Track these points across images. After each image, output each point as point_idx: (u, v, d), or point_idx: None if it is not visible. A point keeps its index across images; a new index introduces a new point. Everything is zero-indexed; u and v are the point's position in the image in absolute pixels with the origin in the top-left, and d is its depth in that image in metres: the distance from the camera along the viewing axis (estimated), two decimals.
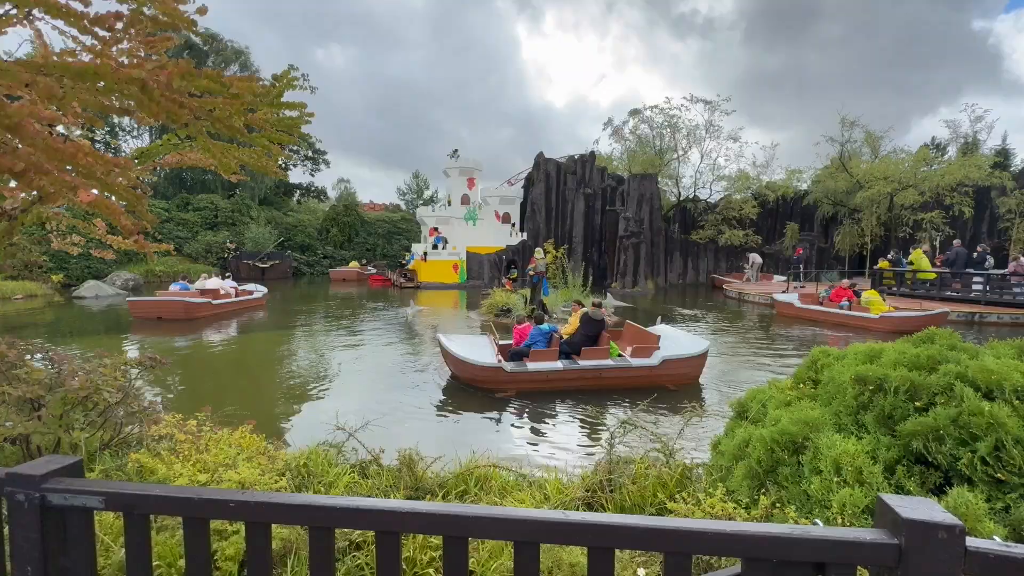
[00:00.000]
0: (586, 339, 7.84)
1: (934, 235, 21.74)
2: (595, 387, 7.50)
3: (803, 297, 15.40)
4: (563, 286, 16.97)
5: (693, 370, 7.84)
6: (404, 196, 59.16)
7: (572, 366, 7.43)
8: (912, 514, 1.11)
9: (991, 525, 1.75)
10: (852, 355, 2.78)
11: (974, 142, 30.86)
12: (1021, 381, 2.12)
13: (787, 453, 2.39)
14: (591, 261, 28.06)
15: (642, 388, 7.32)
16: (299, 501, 1.31)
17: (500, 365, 7.28)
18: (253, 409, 6.94)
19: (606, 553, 1.22)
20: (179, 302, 14.67)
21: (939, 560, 1.09)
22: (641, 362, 7.50)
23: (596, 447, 5.17)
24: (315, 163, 46.24)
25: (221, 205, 33.66)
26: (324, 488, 3.18)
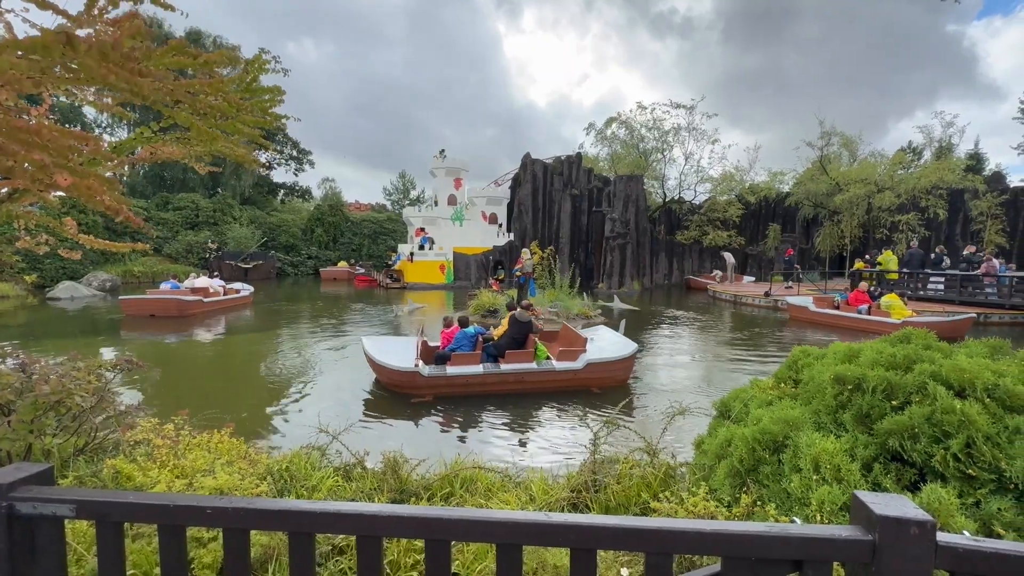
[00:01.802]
0: (512, 342, 7.74)
1: (910, 236, 22.30)
2: (517, 391, 7.35)
3: (818, 301, 14.81)
4: (550, 287, 16.99)
5: (619, 373, 7.75)
6: (390, 196, 58.77)
7: (493, 370, 7.28)
8: (885, 511, 1.14)
9: (962, 520, 1.80)
10: (831, 355, 2.84)
11: (948, 146, 31.79)
12: (991, 379, 2.19)
13: (768, 452, 2.43)
14: (578, 262, 28.18)
15: (567, 391, 7.32)
16: (278, 506, 1.29)
17: (416, 369, 7.07)
18: (236, 411, 6.81)
19: (588, 554, 1.23)
20: (173, 300, 15.01)
21: (911, 555, 1.11)
22: (565, 365, 7.41)
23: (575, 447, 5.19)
24: (299, 163, 45.65)
25: (202, 204, 33.03)
26: (307, 492, 3.13)
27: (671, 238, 30.54)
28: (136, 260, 27.69)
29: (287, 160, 44.72)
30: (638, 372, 9.07)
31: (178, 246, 30.50)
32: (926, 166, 25.98)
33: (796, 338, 12.46)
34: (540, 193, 29.98)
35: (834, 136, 28.19)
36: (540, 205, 29.96)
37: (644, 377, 8.75)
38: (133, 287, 24.25)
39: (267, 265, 31.22)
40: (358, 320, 15.99)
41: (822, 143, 28.13)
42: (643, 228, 27.97)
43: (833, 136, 28.14)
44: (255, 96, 4.58)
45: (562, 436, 5.89)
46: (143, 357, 10.38)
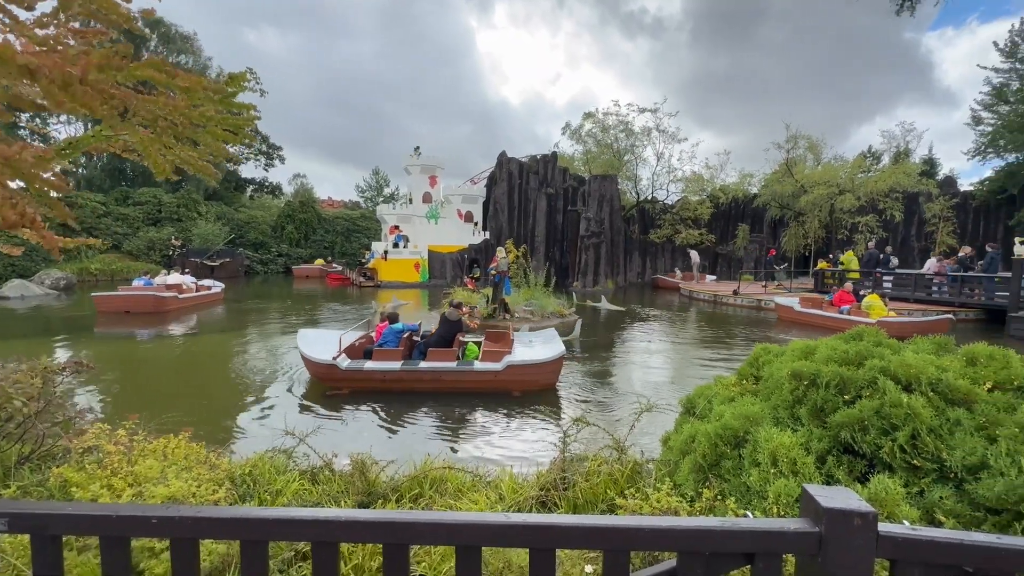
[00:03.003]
0: (440, 340, 7.75)
1: (869, 237, 23.30)
2: (436, 389, 7.33)
3: (803, 301, 15.19)
4: (525, 285, 17.03)
5: (543, 376, 7.56)
6: (364, 193, 57.79)
7: (411, 367, 7.28)
8: (831, 503, 1.18)
9: (907, 508, 1.89)
10: (790, 352, 2.93)
11: (905, 151, 33.36)
12: (936, 374, 2.30)
13: (729, 447, 2.49)
14: (553, 260, 28.36)
15: (489, 392, 7.29)
16: (229, 514, 1.24)
17: (335, 363, 7.18)
18: (201, 414, 6.59)
19: (547, 554, 1.23)
20: (149, 296, 15.15)
21: (855, 545, 1.16)
22: (485, 366, 7.33)
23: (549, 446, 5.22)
24: (269, 158, 44.38)
25: (165, 200, 31.77)
26: (270, 497, 3.05)
27: (644, 237, 31.05)
28: (93, 257, 26.43)
29: (256, 155, 43.41)
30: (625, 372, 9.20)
31: (139, 243, 29.26)
32: (884, 170, 27.17)
33: (785, 338, 12.65)
34: (516, 192, 30.01)
35: (800, 139, 29.21)
36: (516, 204, 30.00)
37: (630, 377, 8.86)
38: (90, 285, 23.18)
39: (235, 263, 30.27)
40: (329, 319, 15.71)
41: (789, 146, 29.09)
42: (617, 227, 28.33)
43: (799, 139, 29.16)
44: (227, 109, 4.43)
45: (536, 435, 5.92)
46: (112, 356, 10.09)
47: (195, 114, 3.65)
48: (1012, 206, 25.78)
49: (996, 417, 2.08)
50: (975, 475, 1.96)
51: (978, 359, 2.40)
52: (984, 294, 15.67)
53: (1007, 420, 2.04)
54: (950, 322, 12.54)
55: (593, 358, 10.09)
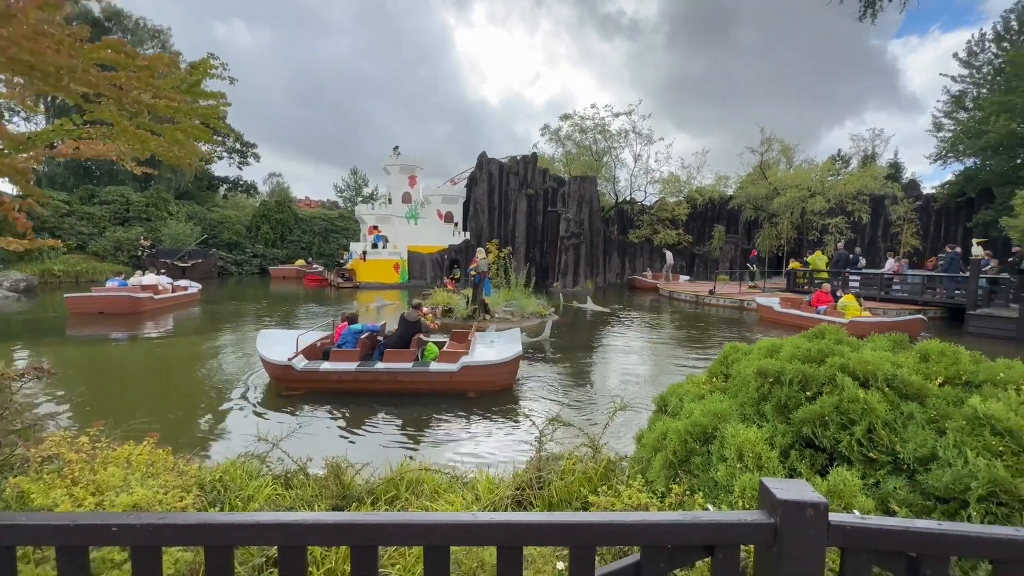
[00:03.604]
0: (399, 341, 7.76)
1: (838, 238, 24.08)
2: (392, 390, 7.34)
3: (783, 301, 15.55)
4: (505, 286, 17.06)
5: (499, 377, 7.52)
6: (342, 193, 57.00)
7: (366, 368, 7.28)
8: (786, 495, 1.23)
9: (863, 499, 1.97)
10: (757, 351, 3.02)
11: (872, 155, 34.59)
12: (891, 370, 2.41)
13: (699, 443, 2.56)
14: (533, 261, 28.46)
15: (446, 393, 7.31)
16: (192, 520, 1.23)
17: (291, 363, 7.20)
18: (169, 420, 6.41)
19: (514, 551, 1.25)
20: (124, 297, 14.95)
21: (807, 535, 1.21)
22: (440, 367, 7.33)
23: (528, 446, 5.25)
24: (243, 156, 43.37)
25: (133, 199, 30.74)
26: (242, 503, 3.00)
27: (623, 238, 31.42)
28: (56, 258, 25.41)
29: (230, 153, 42.37)
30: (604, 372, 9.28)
31: (105, 243, 28.24)
32: (852, 173, 28.13)
33: (765, 337, 12.94)
34: (496, 192, 30.02)
35: (774, 142, 30.00)
36: (496, 204, 30.01)
37: (610, 376, 8.96)
38: (53, 287, 22.30)
39: (207, 264, 29.48)
40: (305, 320, 15.45)
41: (763, 149, 29.85)
42: (596, 228, 28.60)
43: (773, 142, 29.95)
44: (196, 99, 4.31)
45: (516, 436, 5.94)
46: (81, 360, 9.74)
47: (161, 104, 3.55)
48: (971, 208, 26.96)
49: (946, 410, 2.19)
50: (926, 466, 2.06)
51: (930, 355, 2.52)
52: (945, 293, 16.39)
53: (955, 413, 2.15)
54: (922, 322, 12.77)
55: (573, 358, 10.17)
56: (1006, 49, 26.43)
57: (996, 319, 13.39)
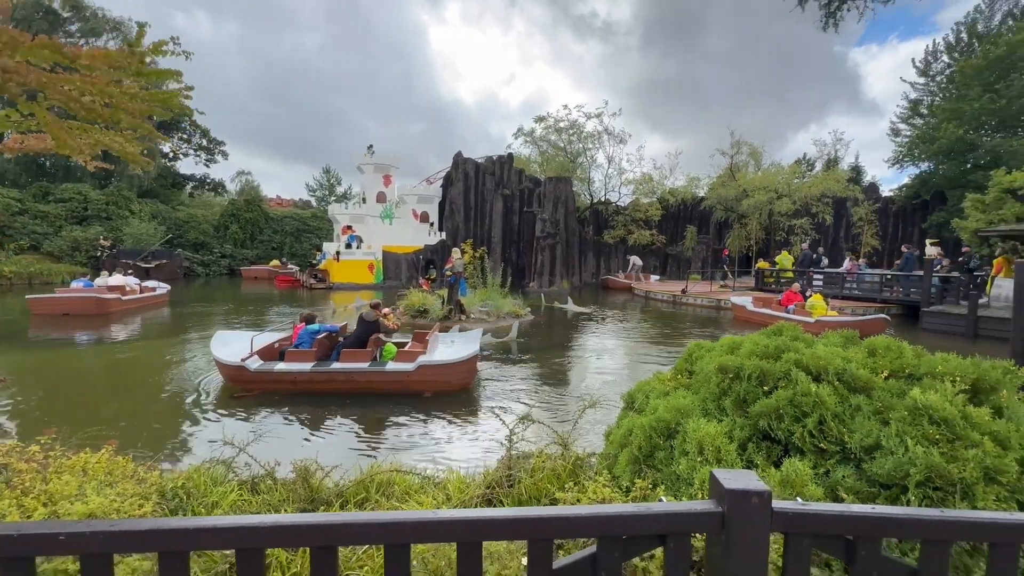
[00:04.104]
0: (356, 341, 7.74)
1: (803, 238, 24.96)
2: (348, 390, 7.29)
3: (756, 301, 15.89)
4: (481, 286, 17.05)
5: (455, 376, 7.47)
6: (314, 192, 55.89)
7: (322, 368, 7.24)
8: (733, 485, 1.29)
9: (813, 487, 2.07)
10: (719, 348, 3.13)
11: (835, 159, 35.96)
12: (841, 365, 2.53)
13: (662, 439, 2.64)
14: (509, 261, 28.52)
15: (402, 393, 7.29)
16: (145, 526, 1.20)
17: (244, 364, 7.14)
18: (131, 426, 6.18)
19: (474, 547, 1.27)
20: (91, 298, 14.61)
21: (752, 522, 1.28)
22: (396, 367, 7.29)
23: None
24: (210, 153, 42.01)
25: (92, 196, 29.43)
26: (205, 510, 2.93)
27: (598, 238, 31.80)
28: (8, 259, 24.11)
29: (196, 150, 40.99)
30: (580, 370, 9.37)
31: (61, 243, 26.95)
32: (816, 176, 29.20)
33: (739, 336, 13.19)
34: (472, 192, 29.96)
35: (743, 146, 30.92)
36: (472, 204, 29.95)
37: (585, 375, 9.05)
38: (4, 289, 21.17)
39: (172, 264, 28.47)
40: (276, 321, 15.10)
41: (732, 152, 30.72)
42: (572, 228, 28.87)
43: (742, 146, 30.86)
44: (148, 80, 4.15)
45: (488, 435, 5.96)
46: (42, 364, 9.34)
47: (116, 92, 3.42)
48: (926, 210, 28.33)
49: (890, 402, 2.32)
50: (871, 455, 2.18)
51: (877, 350, 2.66)
52: (902, 291, 17.21)
53: (898, 404, 2.27)
54: (885, 321, 13.12)
55: (549, 357, 10.26)
56: (956, 60, 27.90)
57: (948, 315, 14.13)
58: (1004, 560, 1.31)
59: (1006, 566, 1.31)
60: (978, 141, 24.46)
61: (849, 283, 18.10)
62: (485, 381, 8.35)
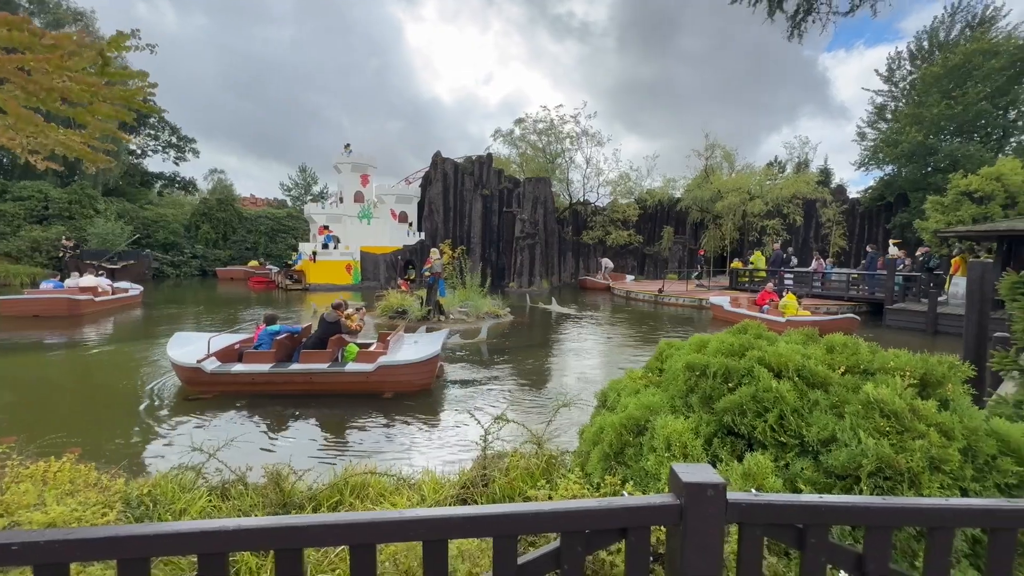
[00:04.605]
0: (317, 341, 7.73)
1: (775, 239, 25.67)
2: (308, 391, 7.27)
3: (733, 301, 16.10)
4: (461, 286, 17.01)
5: (415, 377, 7.44)
6: (290, 192, 54.80)
7: (279, 369, 7.21)
8: (690, 478, 1.35)
9: (773, 479, 2.16)
10: (687, 346, 3.21)
11: (805, 161, 37.05)
12: (801, 362, 2.63)
13: (632, 436, 2.70)
14: (489, 261, 28.53)
15: (362, 394, 7.27)
16: (103, 534, 1.19)
17: (200, 366, 7.09)
18: (96, 433, 5.97)
19: (439, 544, 1.30)
20: (63, 299, 14.48)
21: (708, 513, 1.33)
22: (356, 367, 7.27)
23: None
24: (180, 151, 40.80)
25: (53, 195, 28.25)
26: (172, 517, 2.88)
27: (577, 238, 32.06)
28: None
29: (164, 148, 39.75)
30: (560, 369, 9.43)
31: (20, 243, 25.80)
32: (787, 179, 30.04)
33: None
34: (451, 192, 29.85)
35: (717, 148, 31.60)
36: (451, 205, 29.84)
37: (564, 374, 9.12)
38: None
39: (140, 265, 27.53)
40: (251, 323, 14.77)
41: (707, 154, 31.36)
42: (551, 228, 29.05)
43: (716, 148, 31.54)
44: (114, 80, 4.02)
45: (464, 435, 5.97)
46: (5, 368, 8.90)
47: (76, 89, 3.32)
48: (890, 212, 29.43)
49: (845, 396, 2.42)
50: (827, 447, 2.28)
51: (835, 347, 2.78)
52: (867, 290, 17.87)
53: (853, 399, 2.38)
54: (853, 320, 13.32)
55: (529, 357, 10.31)
56: (918, 67, 29.09)
57: (910, 313, 14.74)
58: (940, 543, 1.39)
59: (942, 548, 1.39)
60: (937, 145, 25.56)
61: (816, 282, 18.76)
62: (464, 381, 8.36)
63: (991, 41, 24.84)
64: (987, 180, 17.33)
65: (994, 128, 26.24)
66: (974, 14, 27.63)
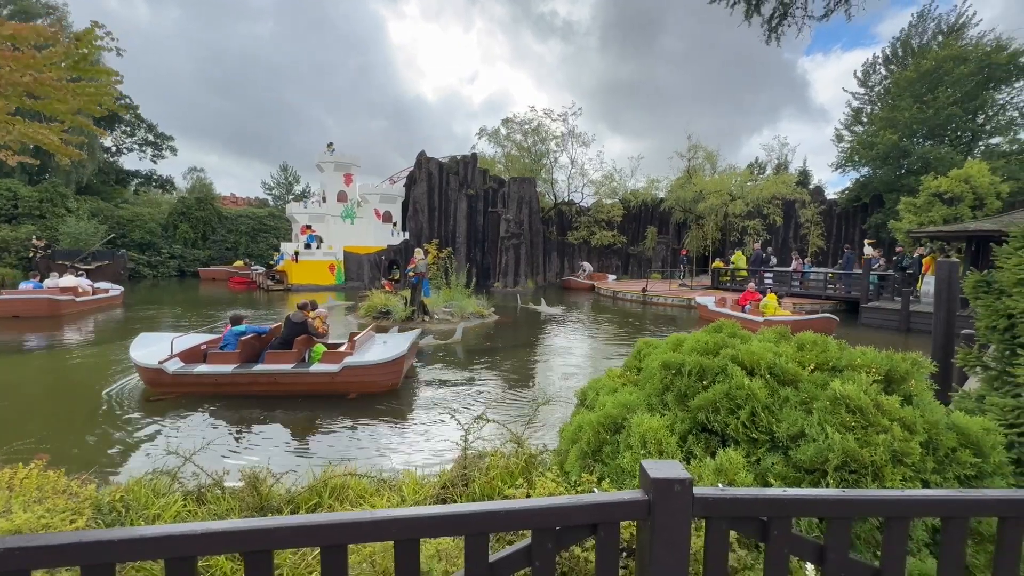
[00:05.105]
0: (282, 342, 7.72)
1: (756, 239, 26.13)
2: (272, 392, 7.24)
3: (718, 301, 16.20)
4: (445, 286, 16.95)
5: (381, 377, 7.38)
6: (271, 191, 53.94)
7: (243, 370, 7.16)
8: (658, 474, 1.38)
9: (744, 474, 2.21)
10: (664, 345, 3.27)
11: (785, 163, 37.78)
12: (772, 360, 2.70)
13: (609, 433, 2.74)
14: (475, 261, 28.48)
15: (327, 395, 7.26)
16: (65, 540, 1.17)
17: (161, 367, 7.03)
18: (69, 439, 5.81)
19: (411, 544, 1.30)
20: (44, 299, 14.50)
21: (675, 508, 1.36)
22: (321, 368, 7.23)
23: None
24: (157, 149, 39.85)
25: (23, 193, 27.36)
26: (145, 523, 2.82)
27: (562, 238, 32.20)
28: None
29: (141, 145, 38.78)
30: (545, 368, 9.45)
31: None
32: (767, 180, 30.60)
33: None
34: (436, 192, 29.73)
35: (699, 149, 32.05)
36: (436, 204, 29.71)
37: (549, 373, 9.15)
38: None
39: (115, 265, 26.78)
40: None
41: (690, 155, 31.79)
42: (536, 228, 29.12)
43: (699, 149, 31.99)
44: (84, 76, 3.93)
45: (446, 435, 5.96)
46: None
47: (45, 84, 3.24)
48: (866, 213, 30.20)
49: (814, 393, 2.49)
50: (796, 442, 2.35)
51: (805, 345, 2.85)
52: (843, 288, 18.31)
53: (821, 395, 2.45)
54: (829, 320, 13.16)
55: (514, 357, 10.33)
56: (893, 71, 29.90)
57: (884, 311, 15.15)
58: (896, 532, 1.45)
59: (898, 537, 1.45)
60: (911, 148, 26.30)
61: (795, 281, 19.18)
62: (446, 382, 8.34)
63: (961, 47, 25.66)
64: (956, 182, 17.90)
65: (963, 132, 27.10)
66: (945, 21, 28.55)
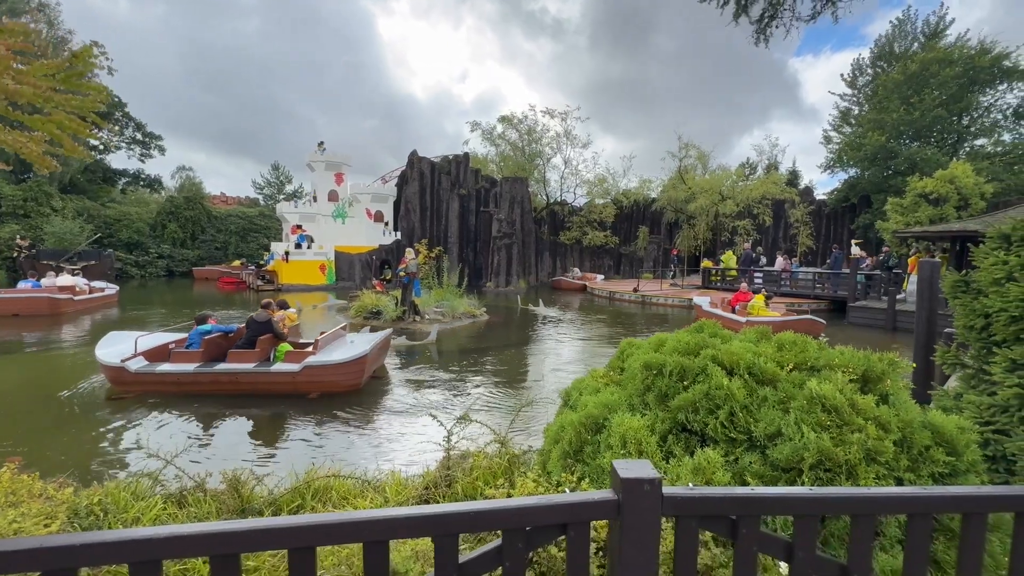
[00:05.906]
0: (246, 342, 7.68)
1: (746, 239, 26.34)
2: (234, 391, 7.22)
3: (711, 302, 16.20)
4: (437, 286, 16.91)
5: (343, 377, 7.36)
6: (262, 190, 53.47)
7: (205, 369, 7.16)
8: (628, 474, 1.39)
9: (722, 473, 2.23)
10: (647, 345, 3.29)
11: (775, 163, 38.12)
12: (752, 360, 2.73)
13: (591, 433, 2.75)
14: (467, 261, 28.46)
15: (289, 394, 7.26)
16: (26, 545, 1.15)
17: (123, 365, 7.04)
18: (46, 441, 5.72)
19: (381, 546, 1.30)
20: (44, 298, 14.71)
21: (644, 507, 1.37)
22: (282, 367, 7.23)
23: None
24: (145, 148, 39.37)
25: (6, 192, 26.92)
26: (124, 526, 2.79)
27: (554, 238, 32.25)
28: None
29: (128, 144, 38.29)
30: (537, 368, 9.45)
31: None
32: (757, 180, 30.86)
33: None
34: (428, 192, 29.65)
35: (691, 149, 32.21)
36: (428, 204, 29.64)
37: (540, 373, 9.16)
38: None
39: (102, 266, 26.40)
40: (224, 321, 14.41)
41: (681, 155, 31.94)
42: (528, 228, 29.14)
43: (690, 149, 32.15)
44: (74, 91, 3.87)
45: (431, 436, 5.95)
46: None
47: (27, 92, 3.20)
48: (854, 213, 30.54)
49: (792, 392, 2.52)
50: (773, 442, 2.37)
51: (784, 345, 2.88)
52: (831, 288, 18.51)
53: (798, 394, 2.48)
54: (813, 322, 13.06)
55: (504, 356, 10.33)
56: (879, 73, 30.27)
57: (871, 310, 15.34)
58: (863, 529, 1.47)
59: (865, 534, 1.47)
60: (898, 149, 26.63)
61: (783, 281, 19.38)
62: (425, 382, 8.33)
63: (946, 50, 26.03)
64: (941, 182, 18.15)
65: (949, 133, 27.51)
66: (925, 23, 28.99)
